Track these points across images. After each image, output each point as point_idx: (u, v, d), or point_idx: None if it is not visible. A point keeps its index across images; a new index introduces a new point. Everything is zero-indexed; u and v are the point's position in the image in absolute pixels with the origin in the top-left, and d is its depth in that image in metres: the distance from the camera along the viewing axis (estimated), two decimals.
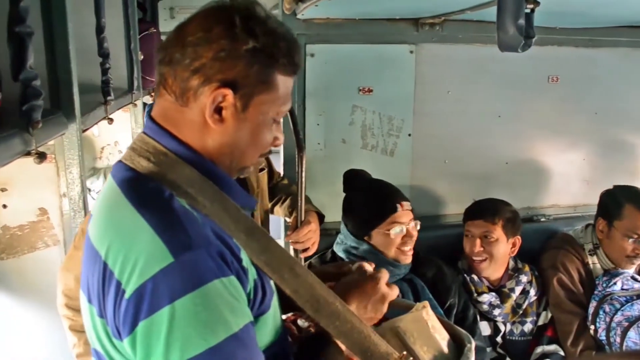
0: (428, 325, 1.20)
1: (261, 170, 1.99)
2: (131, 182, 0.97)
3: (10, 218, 1.70)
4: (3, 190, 1.67)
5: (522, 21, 1.38)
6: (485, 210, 2.25)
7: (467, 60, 2.49)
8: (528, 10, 1.30)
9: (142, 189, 0.96)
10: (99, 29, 2.27)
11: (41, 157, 1.38)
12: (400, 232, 1.97)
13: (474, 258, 2.24)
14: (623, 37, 2.59)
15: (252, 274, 0.97)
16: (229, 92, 0.95)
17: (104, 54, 2.32)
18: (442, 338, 1.23)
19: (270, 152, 1.10)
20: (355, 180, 2.16)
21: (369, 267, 1.22)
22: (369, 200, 2.04)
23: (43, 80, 1.41)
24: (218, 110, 0.97)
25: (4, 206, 1.68)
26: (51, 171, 1.73)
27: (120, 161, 1.02)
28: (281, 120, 1.07)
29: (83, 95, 1.85)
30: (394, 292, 1.18)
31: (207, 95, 0.95)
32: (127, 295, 0.86)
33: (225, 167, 1.03)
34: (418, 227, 2.02)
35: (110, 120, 2.44)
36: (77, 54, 1.78)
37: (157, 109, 1.02)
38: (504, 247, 2.24)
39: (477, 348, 1.54)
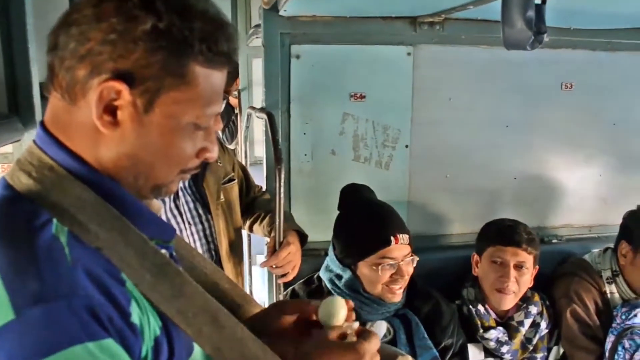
0: None
1: (230, 181, 1.76)
2: (2, 204, 0.75)
3: None
4: None
5: (531, 13, 1.22)
6: (519, 235, 1.99)
7: (471, 64, 2.27)
8: (539, 1, 1.13)
9: (10, 213, 0.73)
10: None
11: None
12: (390, 269, 1.73)
13: (505, 291, 1.98)
14: None
15: (151, 330, 0.75)
16: (123, 87, 0.73)
17: None
18: None
19: (198, 167, 0.87)
20: (352, 198, 1.93)
21: (351, 330, 0.91)
22: (360, 226, 1.80)
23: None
24: (111, 110, 0.74)
25: None
26: None
27: (3, 177, 0.80)
28: (212, 126, 0.84)
29: (46, 100, 1.65)
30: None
31: (95, 89, 0.73)
32: None
33: (129, 185, 0.80)
34: (414, 264, 1.78)
35: None
36: (39, 56, 1.59)
37: (47, 111, 0.80)
38: (530, 278, 2.02)
39: None
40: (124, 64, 0.73)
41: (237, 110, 4.07)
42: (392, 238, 1.73)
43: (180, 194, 1.58)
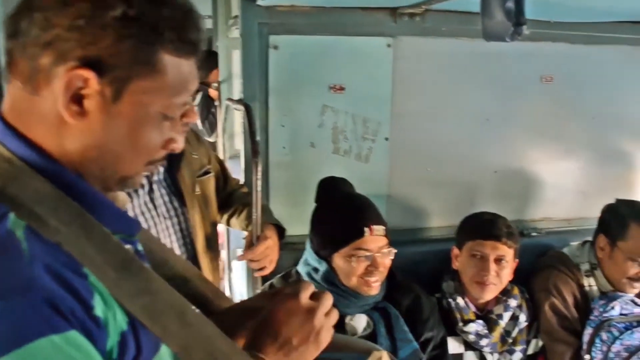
0: None
1: (205, 173, 1.73)
2: None
3: None
4: None
5: (510, 4, 1.22)
6: (499, 229, 1.99)
7: (452, 56, 2.25)
8: None
9: None
10: None
11: None
12: (365, 260, 1.72)
13: (486, 285, 1.98)
14: (625, 34, 2.38)
15: (117, 325, 0.72)
16: (91, 75, 0.70)
17: None
18: None
19: (164, 158, 0.84)
20: (329, 191, 1.92)
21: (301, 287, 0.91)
22: (335, 217, 1.79)
23: None
24: (78, 99, 0.71)
25: None
26: None
27: None
28: (179, 116, 0.81)
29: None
30: (325, 302, 0.89)
31: (61, 77, 0.70)
32: None
33: (95, 177, 0.77)
34: (391, 256, 1.76)
35: None
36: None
37: (6, 101, 0.76)
38: (510, 272, 2.02)
39: None
40: (92, 52, 0.70)
41: (217, 103, 4.02)
42: (365, 229, 1.71)
43: (155, 187, 1.54)
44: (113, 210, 0.80)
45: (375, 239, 1.72)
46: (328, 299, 0.90)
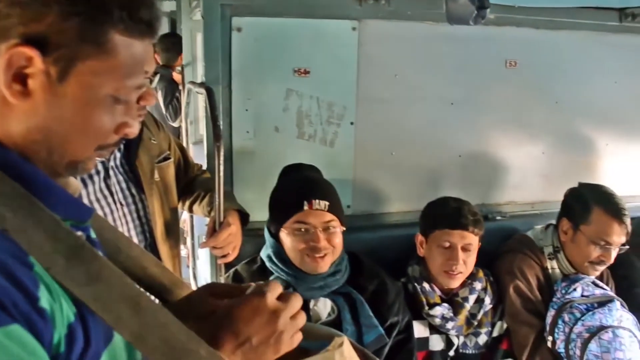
0: None
1: (165, 159, 1.68)
2: None
3: None
4: None
5: None
6: (466, 217, 1.98)
7: (417, 40, 2.23)
8: None
9: None
10: None
11: None
12: (305, 234, 1.72)
13: (454, 274, 1.98)
14: (586, 20, 2.40)
15: (64, 317, 0.69)
16: (34, 53, 0.66)
17: None
18: None
19: (117, 143, 0.80)
20: (288, 174, 1.92)
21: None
22: (280, 194, 1.83)
23: None
24: (22, 78, 0.67)
25: None
26: None
27: None
28: (134, 100, 0.77)
29: None
30: (292, 304, 0.86)
31: (2, 55, 0.66)
32: None
33: (42, 162, 0.73)
34: (338, 238, 1.76)
35: None
36: None
37: None
38: (475, 256, 2.03)
39: None
40: (35, 29, 0.66)
41: (181, 87, 3.94)
42: (305, 202, 1.72)
43: (112, 173, 1.49)
44: (63, 195, 0.76)
45: (315, 214, 1.72)
46: (296, 302, 0.86)
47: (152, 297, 1.01)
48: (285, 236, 1.76)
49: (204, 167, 2.03)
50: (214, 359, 0.75)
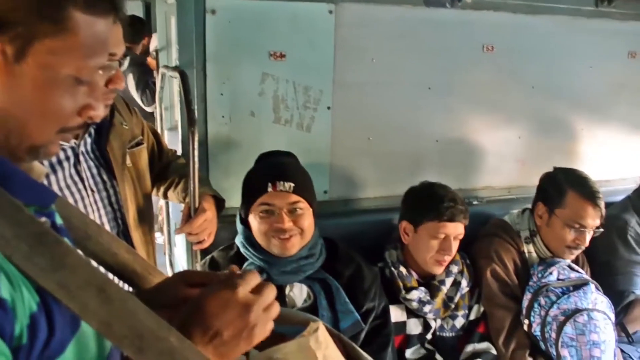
0: (317, 357, 0.90)
1: (137, 144, 1.64)
2: None
3: None
4: None
5: None
6: (458, 209, 1.97)
7: (395, 24, 2.21)
8: None
9: None
10: None
11: None
12: (270, 216, 1.71)
13: (445, 261, 2.00)
14: (563, 4, 2.41)
15: (26, 307, 0.66)
16: None
17: None
18: None
19: (80, 127, 0.77)
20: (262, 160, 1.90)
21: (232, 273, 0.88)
22: (247, 179, 1.82)
23: None
24: None
25: None
26: None
27: None
28: (98, 81, 0.75)
29: None
30: (266, 296, 0.83)
31: None
32: None
33: (0, 146, 0.70)
34: (307, 220, 1.74)
35: None
36: None
37: None
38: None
39: None
40: None
41: (156, 72, 3.86)
42: (269, 184, 1.70)
43: (82, 158, 1.44)
44: (24, 180, 0.74)
45: (280, 195, 1.70)
46: (269, 293, 0.83)
47: (125, 285, 0.99)
48: (252, 219, 1.76)
49: (179, 152, 1.99)
50: (184, 346, 0.73)
